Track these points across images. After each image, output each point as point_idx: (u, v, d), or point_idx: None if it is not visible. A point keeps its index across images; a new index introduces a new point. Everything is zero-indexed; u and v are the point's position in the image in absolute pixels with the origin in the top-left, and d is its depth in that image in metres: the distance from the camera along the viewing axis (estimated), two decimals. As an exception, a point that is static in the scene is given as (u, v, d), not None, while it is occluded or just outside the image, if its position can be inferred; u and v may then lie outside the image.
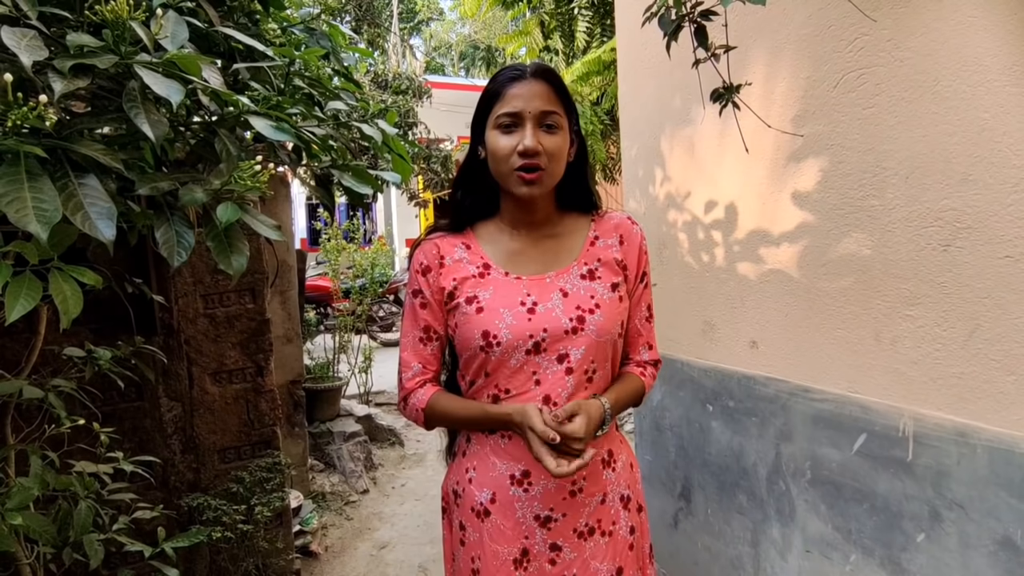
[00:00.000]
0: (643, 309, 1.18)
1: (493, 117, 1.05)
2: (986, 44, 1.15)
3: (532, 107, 1.03)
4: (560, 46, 5.76)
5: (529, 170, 1.03)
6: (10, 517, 0.98)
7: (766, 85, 1.59)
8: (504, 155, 1.04)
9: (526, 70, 1.06)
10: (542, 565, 1.08)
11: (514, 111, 1.03)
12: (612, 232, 1.15)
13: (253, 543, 2.12)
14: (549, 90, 1.05)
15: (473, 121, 1.12)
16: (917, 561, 1.32)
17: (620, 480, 1.14)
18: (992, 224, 1.16)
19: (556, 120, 1.05)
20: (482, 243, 1.14)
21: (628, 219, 1.18)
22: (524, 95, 1.03)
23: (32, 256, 0.78)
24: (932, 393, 1.29)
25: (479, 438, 1.13)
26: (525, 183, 1.04)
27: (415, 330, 1.14)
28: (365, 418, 4.31)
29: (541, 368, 1.07)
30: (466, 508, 1.13)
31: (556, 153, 1.05)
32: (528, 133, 1.02)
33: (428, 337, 1.14)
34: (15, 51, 0.68)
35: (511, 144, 1.03)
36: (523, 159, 1.02)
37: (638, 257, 1.15)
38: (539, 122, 1.03)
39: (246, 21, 1.22)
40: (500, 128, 1.04)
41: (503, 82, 1.06)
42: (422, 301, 1.13)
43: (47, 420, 1.34)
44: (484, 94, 1.09)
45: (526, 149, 1.02)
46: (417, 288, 1.13)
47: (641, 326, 1.18)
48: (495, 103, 1.05)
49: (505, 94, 1.04)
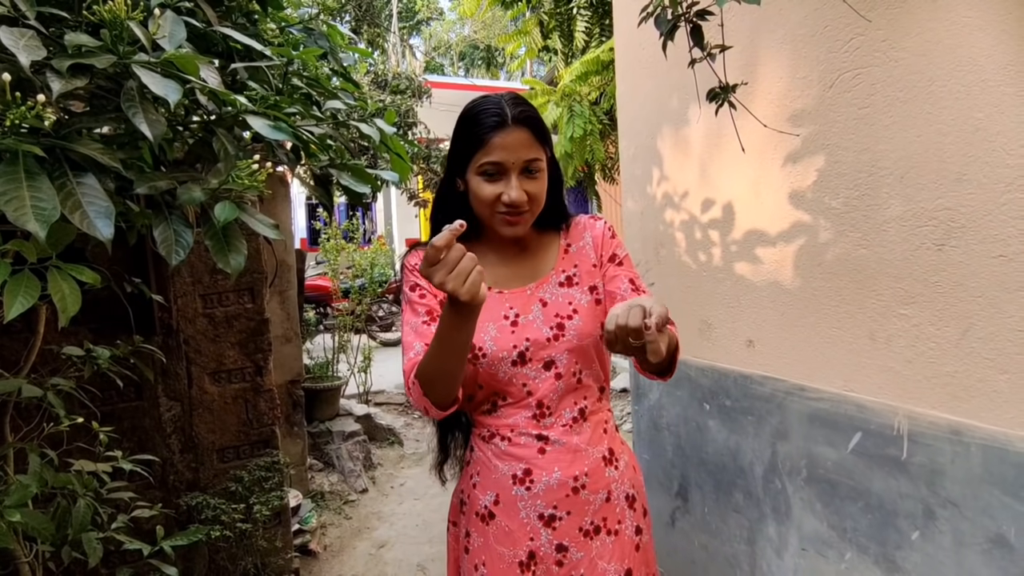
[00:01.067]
0: (624, 283, 1.14)
1: (476, 164, 1.05)
2: (980, 44, 1.15)
3: (516, 157, 1.03)
4: (559, 46, 5.76)
5: (514, 215, 1.05)
6: (9, 514, 0.98)
7: (762, 85, 1.60)
8: (488, 202, 1.05)
9: (507, 116, 1.04)
10: (549, 567, 1.08)
11: (498, 161, 1.03)
12: (581, 235, 1.19)
13: (252, 542, 2.12)
14: (531, 136, 1.05)
15: (451, 154, 1.11)
16: (912, 559, 1.33)
17: (624, 479, 1.15)
18: (986, 223, 1.17)
19: (538, 165, 1.06)
20: None
21: (591, 217, 1.21)
22: (508, 146, 1.03)
23: (31, 254, 0.79)
24: (926, 392, 1.29)
25: (480, 445, 1.14)
26: (510, 225, 1.07)
27: (416, 317, 1.11)
28: (364, 418, 4.31)
29: (530, 378, 1.09)
30: (471, 514, 1.14)
31: (538, 196, 1.07)
32: (513, 184, 1.03)
33: (431, 319, 1.11)
34: (13, 51, 0.69)
35: (495, 192, 1.04)
36: (508, 208, 1.05)
37: (602, 243, 1.17)
38: (522, 170, 1.05)
39: (244, 21, 1.23)
40: (483, 175, 1.05)
41: (486, 129, 1.04)
42: (421, 292, 1.12)
43: (46, 419, 1.34)
44: (465, 136, 1.07)
45: (512, 201, 1.03)
46: (414, 283, 1.13)
47: (630, 295, 1.12)
48: (477, 150, 1.05)
49: (488, 143, 1.03)
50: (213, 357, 2.16)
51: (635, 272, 1.18)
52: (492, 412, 1.12)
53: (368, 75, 6.27)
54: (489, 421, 1.12)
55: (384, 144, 1.33)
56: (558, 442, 1.08)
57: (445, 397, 1.03)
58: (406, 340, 1.12)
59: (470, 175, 1.07)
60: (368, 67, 6.28)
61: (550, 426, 1.09)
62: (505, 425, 1.10)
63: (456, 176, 1.11)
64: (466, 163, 1.07)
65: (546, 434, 1.09)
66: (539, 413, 1.09)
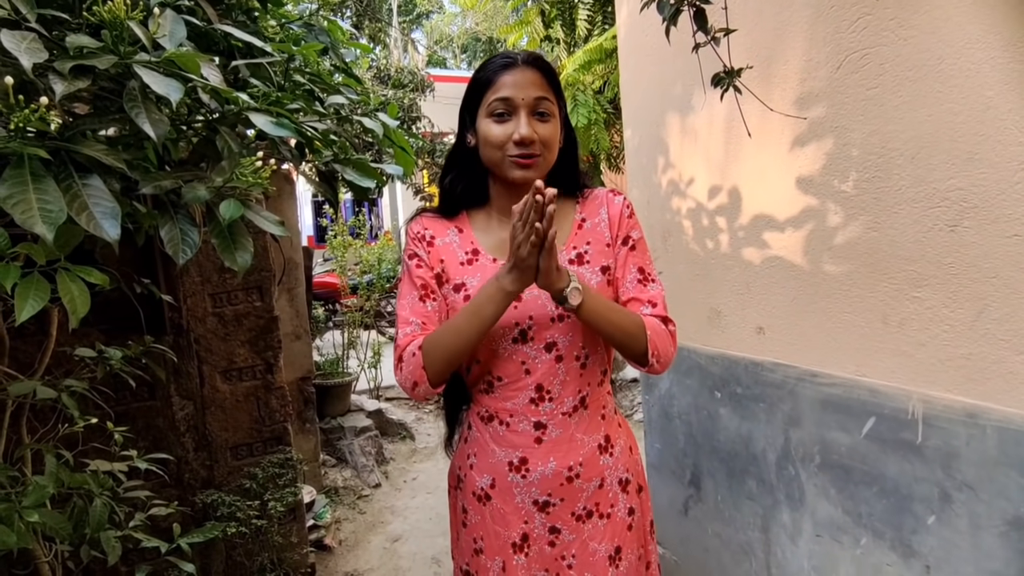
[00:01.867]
0: (632, 271, 1.12)
1: (485, 104, 1.05)
2: (989, 20, 1.13)
3: (526, 94, 1.03)
4: (561, 35, 5.72)
5: (525, 157, 1.03)
6: (27, 515, 1.00)
7: (768, 68, 1.58)
8: (498, 143, 1.04)
9: (517, 58, 1.06)
10: (542, 547, 1.10)
11: (507, 97, 1.03)
12: (597, 210, 1.15)
13: (268, 538, 2.14)
14: (541, 77, 1.05)
15: (462, 108, 1.11)
16: (928, 543, 1.32)
17: (618, 464, 1.15)
18: (999, 203, 1.15)
19: (548, 107, 1.05)
20: (474, 228, 1.15)
21: (611, 191, 1.18)
22: (517, 82, 1.03)
23: (39, 257, 0.79)
24: (940, 375, 1.28)
25: (478, 425, 1.14)
26: (521, 167, 1.04)
27: (413, 290, 1.10)
28: (375, 413, 4.33)
29: (530, 358, 1.07)
30: (468, 492, 1.15)
31: (550, 141, 1.06)
32: (523, 122, 1.02)
33: (426, 295, 1.10)
34: (15, 54, 0.69)
35: (506, 132, 1.03)
36: (519, 148, 1.03)
37: (619, 221, 1.14)
38: (532, 110, 1.04)
39: (244, 18, 1.22)
40: (493, 116, 1.04)
41: (495, 69, 1.05)
42: (418, 263, 1.11)
43: (61, 420, 1.36)
44: (474, 81, 1.08)
45: (522, 138, 1.02)
46: (413, 252, 1.12)
47: (634, 287, 1.12)
48: (486, 90, 1.05)
49: (497, 81, 1.04)
50: (224, 356, 2.17)
51: (647, 258, 1.15)
52: (490, 392, 1.11)
53: (371, 70, 6.26)
54: (488, 401, 1.12)
55: (388, 138, 1.32)
56: (555, 431, 1.08)
57: (443, 374, 1.04)
58: (401, 314, 1.10)
59: (480, 120, 1.06)
60: (370, 62, 6.27)
61: (550, 412, 1.08)
62: (504, 409, 1.10)
63: (467, 132, 1.11)
64: (476, 109, 1.07)
65: (544, 422, 1.08)
66: (538, 397, 1.08)
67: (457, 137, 1.15)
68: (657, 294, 1.13)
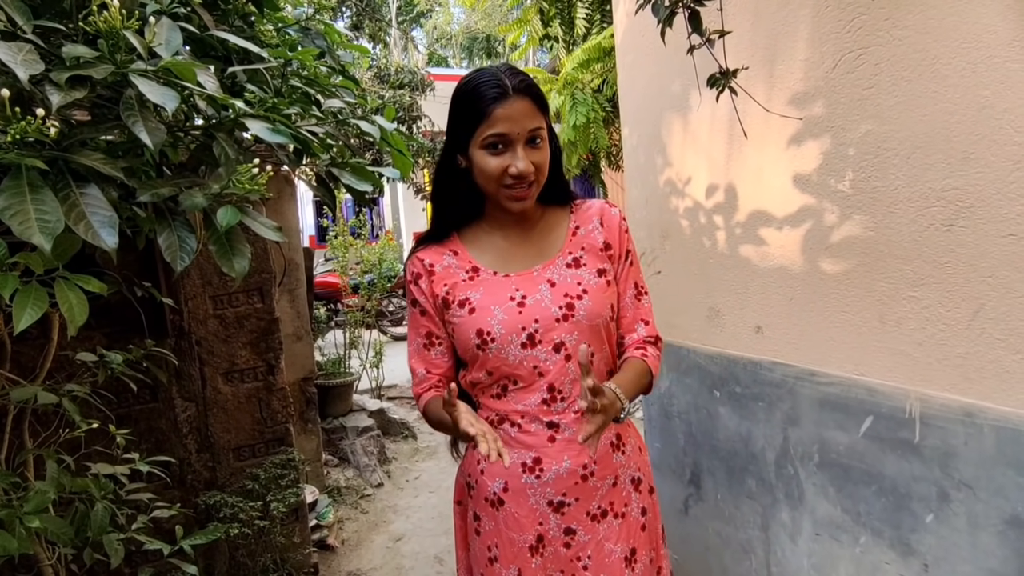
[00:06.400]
0: (631, 287, 1.19)
1: (479, 137, 1.04)
2: (985, 19, 1.13)
3: (521, 128, 1.03)
4: (560, 33, 5.71)
5: (521, 188, 1.05)
6: (28, 520, 1.00)
7: (764, 68, 1.58)
8: (495, 176, 1.05)
9: (507, 86, 1.03)
10: (557, 549, 1.10)
11: (503, 133, 1.02)
12: (592, 219, 1.18)
13: (270, 538, 2.15)
14: (532, 105, 1.04)
15: (450, 131, 1.10)
16: (926, 542, 1.32)
17: (630, 462, 1.17)
18: (995, 203, 1.15)
19: (541, 134, 1.06)
20: (469, 248, 1.16)
21: (606, 203, 1.21)
22: (511, 116, 1.02)
23: (37, 266, 0.80)
24: (937, 374, 1.28)
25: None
26: (516, 200, 1.06)
27: (418, 337, 1.18)
28: (377, 412, 4.34)
29: (540, 360, 1.08)
30: (480, 498, 1.15)
31: (543, 165, 1.07)
32: (519, 155, 1.03)
33: (431, 343, 1.17)
34: (11, 66, 0.69)
35: (501, 165, 1.04)
36: (514, 179, 1.04)
37: (619, 236, 1.18)
38: (527, 141, 1.04)
39: (241, 24, 1.23)
40: (487, 148, 1.04)
41: (488, 101, 1.02)
42: (420, 309, 1.16)
43: (63, 424, 1.37)
44: (466, 110, 1.06)
45: (520, 172, 1.03)
46: (414, 298, 1.17)
47: (632, 303, 1.19)
48: (479, 123, 1.03)
49: (491, 115, 1.02)
50: (225, 357, 2.18)
51: (640, 272, 1.22)
52: (502, 396, 1.12)
53: (371, 70, 6.26)
54: (498, 406, 1.12)
55: (385, 140, 1.33)
56: (568, 430, 1.09)
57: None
58: (410, 362, 1.20)
59: (473, 150, 1.06)
60: (370, 62, 6.27)
61: (562, 411, 1.09)
62: (515, 411, 1.10)
63: (457, 153, 1.10)
64: (468, 138, 1.06)
65: (557, 421, 1.09)
66: (550, 398, 1.09)
67: (444, 158, 1.14)
68: (648, 309, 1.21)
